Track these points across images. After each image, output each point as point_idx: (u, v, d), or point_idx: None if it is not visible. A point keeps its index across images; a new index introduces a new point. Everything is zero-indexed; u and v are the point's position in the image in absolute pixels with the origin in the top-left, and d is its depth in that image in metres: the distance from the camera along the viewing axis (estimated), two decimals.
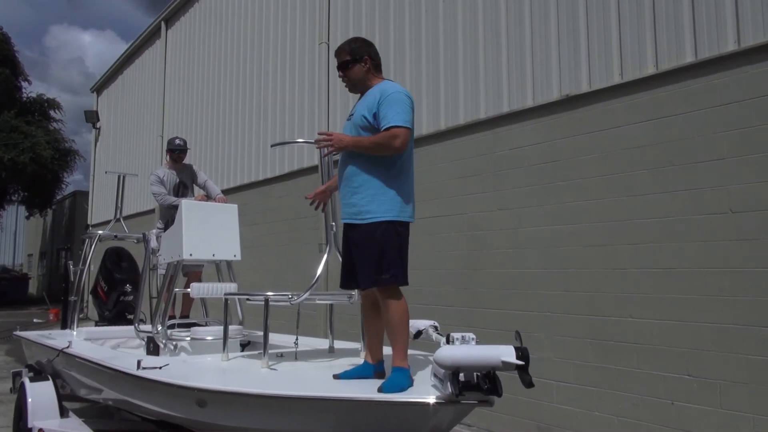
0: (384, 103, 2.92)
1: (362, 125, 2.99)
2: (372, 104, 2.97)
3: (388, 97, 2.93)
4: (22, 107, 22.56)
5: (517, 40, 5.40)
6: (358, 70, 3.12)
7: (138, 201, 13.62)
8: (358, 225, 2.95)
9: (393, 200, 2.93)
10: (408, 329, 2.95)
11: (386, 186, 2.94)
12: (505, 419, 5.08)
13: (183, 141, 6.18)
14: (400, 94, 2.96)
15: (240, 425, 2.90)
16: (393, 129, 2.87)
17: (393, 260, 2.86)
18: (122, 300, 6.04)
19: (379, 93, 2.99)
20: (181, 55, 12.91)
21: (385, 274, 2.83)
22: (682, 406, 4.01)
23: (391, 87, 3.01)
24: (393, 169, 2.97)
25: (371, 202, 2.91)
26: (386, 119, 2.89)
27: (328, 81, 7.81)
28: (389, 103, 2.91)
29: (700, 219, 4.02)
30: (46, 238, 30.92)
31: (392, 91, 2.97)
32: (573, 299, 4.73)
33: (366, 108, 3.00)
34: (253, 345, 4.55)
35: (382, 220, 2.89)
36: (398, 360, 2.81)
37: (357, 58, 3.11)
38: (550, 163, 4.99)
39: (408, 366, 2.81)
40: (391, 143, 2.87)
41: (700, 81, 4.08)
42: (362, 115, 3.00)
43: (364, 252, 2.91)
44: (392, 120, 2.88)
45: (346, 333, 4.64)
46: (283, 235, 8.52)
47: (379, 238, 2.87)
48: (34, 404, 4.32)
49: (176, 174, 6.01)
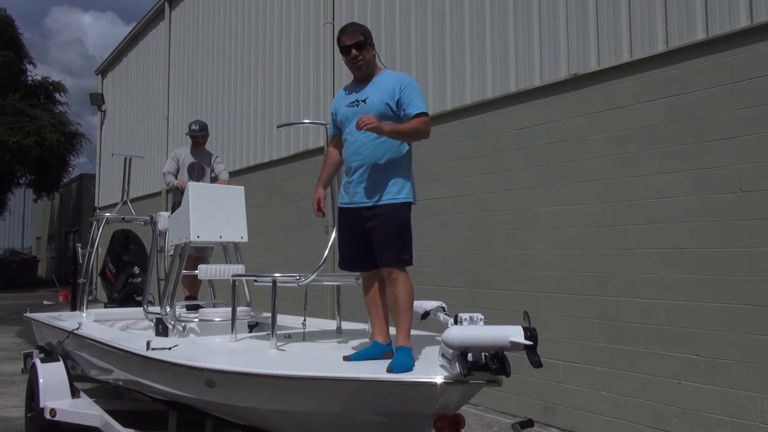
0: (407, 90, 3.04)
1: (384, 112, 3.03)
2: (393, 91, 3.05)
3: (409, 85, 3.07)
4: (27, 90, 22.55)
5: (525, 18, 5.32)
6: (368, 54, 3.17)
7: (145, 183, 13.65)
8: (380, 206, 2.99)
9: (410, 183, 3.08)
10: (412, 309, 3.00)
11: (405, 169, 3.08)
12: (512, 399, 5.11)
13: (198, 125, 6.07)
14: (416, 82, 3.13)
15: (249, 405, 2.93)
16: (424, 116, 3.02)
17: (411, 241, 3.02)
18: (131, 282, 6.09)
19: (398, 81, 3.09)
20: (185, 36, 12.83)
21: (406, 254, 2.97)
22: (689, 385, 4.02)
23: (405, 75, 3.17)
24: (408, 152, 3.11)
25: (395, 184, 3.02)
26: (415, 106, 3.01)
27: (333, 61, 7.75)
28: (412, 90, 3.05)
29: (710, 198, 3.99)
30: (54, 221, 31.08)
31: (411, 79, 3.14)
32: (580, 280, 4.72)
33: (387, 95, 3.06)
34: (260, 326, 4.58)
35: (404, 201, 3.02)
36: (403, 339, 2.86)
37: (370, 42, 3.18)
38: (557, 143, 4.95)
39: (411, 345, 2.84)
40: (426, 129, 3.05)
41: (712, 58, 4.02)
42: (384, 102, 3.06)
43: (389, 232, 2.97)
44: (421, 107, 3.02)
45: (353, 314, 4.66)
46: (289, 217, 8.53)
47: (402, 219, 3.00)
48: (45, 385, 4.37)
49: (193, 156, 6.03)
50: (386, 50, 6.72)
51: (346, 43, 3.14)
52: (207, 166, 6.11)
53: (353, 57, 3.14)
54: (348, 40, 3.14)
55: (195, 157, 6.04)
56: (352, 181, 3.10)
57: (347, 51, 3.15)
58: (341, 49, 3.19)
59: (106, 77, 18.60)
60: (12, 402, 5.71)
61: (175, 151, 6.14)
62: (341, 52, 3.21)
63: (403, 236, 2.98)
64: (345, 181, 3.20)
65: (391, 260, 2.96)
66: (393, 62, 6.54)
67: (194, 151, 6.07)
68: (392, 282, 2.93)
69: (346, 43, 3.14)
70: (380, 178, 3.02)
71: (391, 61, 6.55)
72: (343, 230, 3.21)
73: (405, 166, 3.08)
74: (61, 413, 4.16)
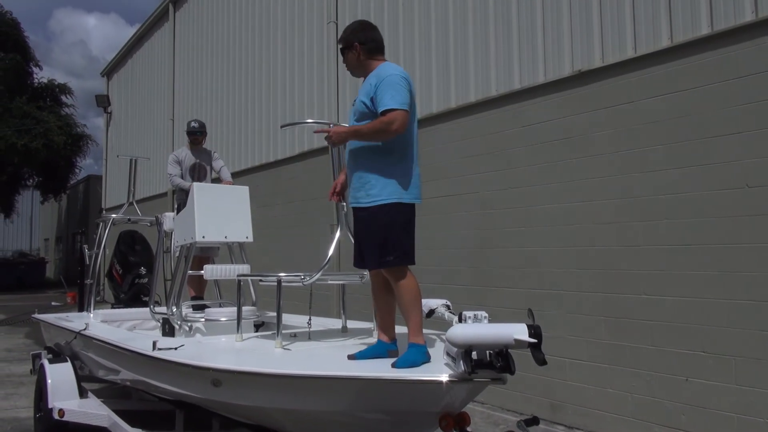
0: (380, 87, 2.94)
1: (363, 111, 3.04)
2: (370, 90, 3.02)
3: (383, 81, 2.95)
4: (33, 93, 22.65)
5: (528, 14, 5.31)
6: (351, 57, 3.18)
7: (151, 184, 13.70)
8: (365, 208, 3.01)
9: (396, 182, 2.97)
10: (420, 306, 2.99)
11: (389, 169, 2.98)
12: (518, 397, 5.10)
13: (198, 123, 6.18)
14: (395, 76, 2.96)
15: (255, 404, 2.94)
16: (389, 113, 2.89)
17: (397, 242, 2.91)
18: (137, 282, 6.13)
19: (375, 78, 3.02)
20: (189, 37, 12.87)
21: (389, 256, 2.89)
22: (697, 382, 4.00)
23: (387, 70, 3.02)
24: (395, 151, 3.00)
25: (374, 186, 2.97)
26: (382, 103, 2.91)
27: (337, 60, 7.74)
28: (384, 87, 2.93)
29: (717, 194, 3.96)
30: (62, 222, 31.24)
31: (387, 74, 2.98)
32: (585, 277, 4.71)
33: (365, 94, 3.05)
34: (266, 326, 4.59)
35: (386, 202, 2.94)
36: (413, 336, 2.85)
37: (347, 46, 3.17)
38: (562, 140, 4.93)
39: (424, 342, 2.84)
40: (388, 127, 2.88)
41: (716, 53, 3.99)
42: (362, 101, 3.05)
43: (370, 234, 2.99)
44: (387, 103, 2.89)
45: (359, 313, 4.66)
46: (294, 217, 8.55)
47: (382, 221, 2.93)
48: (53, 385, 4.40)
49: (194, 155, 6.06)
50: (389, 49, 6.68)
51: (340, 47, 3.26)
52: (207, 164, 6.16)
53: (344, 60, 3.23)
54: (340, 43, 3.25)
55: (195, 156, 6.08)
56: (350, 183, 3.17)
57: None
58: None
59: (112, 79, 18.68)
60: (21, 402, 5.76)
61: (175, 152, 6.18)
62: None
63: (385, 238, 2.89)
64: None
65: (371, 262, 2.99)
66: (396, 60, 6.53)
67: (194, 150, 6.11)
68: (393, 284, 2.94)
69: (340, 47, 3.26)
70: (361, 179, 3.03)
71: (394, 59, 6.53)
72: (354, 228, 3.24)
73: (388, 166, 2.97)
74: (69, 413, 4.19)
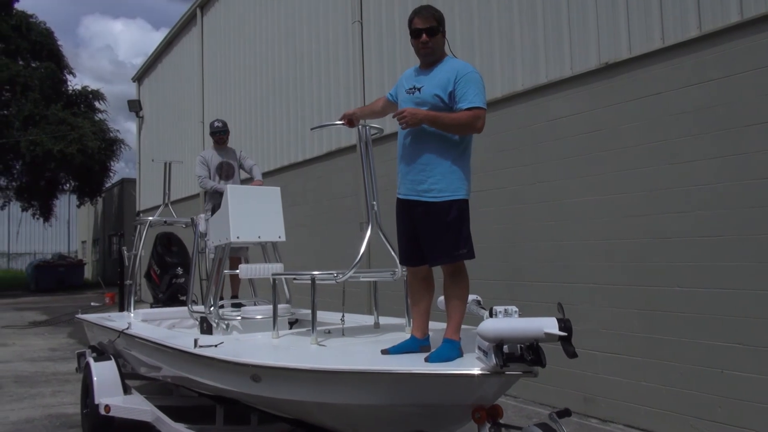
0: (462, 82, 2.88)
1: (433, 103, 2.94)
2: (446, 82, 2.92)
3: (465, 76, 2.89)
4: (68, 99, 23.28)
5: (553, 7, 5.29)
6: (440, 41, 3.03)
7: (183, 186, 13.99)
8: (430, 203, 2.95)
9: (463, 178, 2.98)
10: (466, 304, 3.04)
11: (456, 165, 2.97)
12: (551, 390, 5.11)
13: (221, 123, 6.33)
14: (476, 74, 2.94)
15: (292, 398, 3.03)
16: (476, 110, 2.86)
17: (468, 236, 2.98)
18: (174, 282, 6.30)
19: (453, 72, 2.93)
20: (217, 40, 13.08)
21: (462, 249, 2.94)
22: (733, 374, 3.97)
23: (464, 65, 2.98)
24: (461, 147, 3.00)
25: (441, 181, 2.94)
26: (467, 99, 2.86)
27: (362, 60, 7.82)
28: (468, 83, 2.88)
29: (749, 184, 3.91)
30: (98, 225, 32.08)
31: (469, 70, 2.93)
32: (617, 270, 4.69)
33: (439, 86, 2.94)
34: (300, 323, 4.70)
35: (456, 198, 2.94)
36: (451, 332, 2.88)
37: (442, 28, 3.04)
38: (590, 134, 4.91)
39: (459, 338, 2.88)
40: (475, 124, 2.87)
41: (746, 41, 3.94)
42: (434, 93, 2.94)
43: (440, 229, 2.94)
44: (474, 101, 2.86)
45: (390, 309, 4.73)
46: (324, 215, 8.66)
47: (455, 216, 2.93)
48: (99, 382, 4.57)
49: (219, 155, 6.19)
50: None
51: (419, 26, 2.99)
52: (234, 162, 6.27)
53: (423, 42, 2.99)
54: (421, 23, 2.99)
55: (221, 155, 6.19)
56: (405, 174, 3.05)
57: (418, 34, 3.00)
58: (411, 32, 3.03)
59: (143, 84, 19.10)
60: (68, 399, 5.99)
61: (201, 154, 6.28)
62: (411, 34, 3.04)
63: (459, 232, 2.94)
64: (399, 170, 3.13)
65: (443, 257, 2.95)
66: None
67: (219, 149, 6.23)
68: (452, 277, 2.98)
69: (419, 26, 2.99)
70: (429, 173, 2.93)
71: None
72: (402, 224, 3.14)
73: (456, 162, 2.95)
74: (115, 409, 4.33)
